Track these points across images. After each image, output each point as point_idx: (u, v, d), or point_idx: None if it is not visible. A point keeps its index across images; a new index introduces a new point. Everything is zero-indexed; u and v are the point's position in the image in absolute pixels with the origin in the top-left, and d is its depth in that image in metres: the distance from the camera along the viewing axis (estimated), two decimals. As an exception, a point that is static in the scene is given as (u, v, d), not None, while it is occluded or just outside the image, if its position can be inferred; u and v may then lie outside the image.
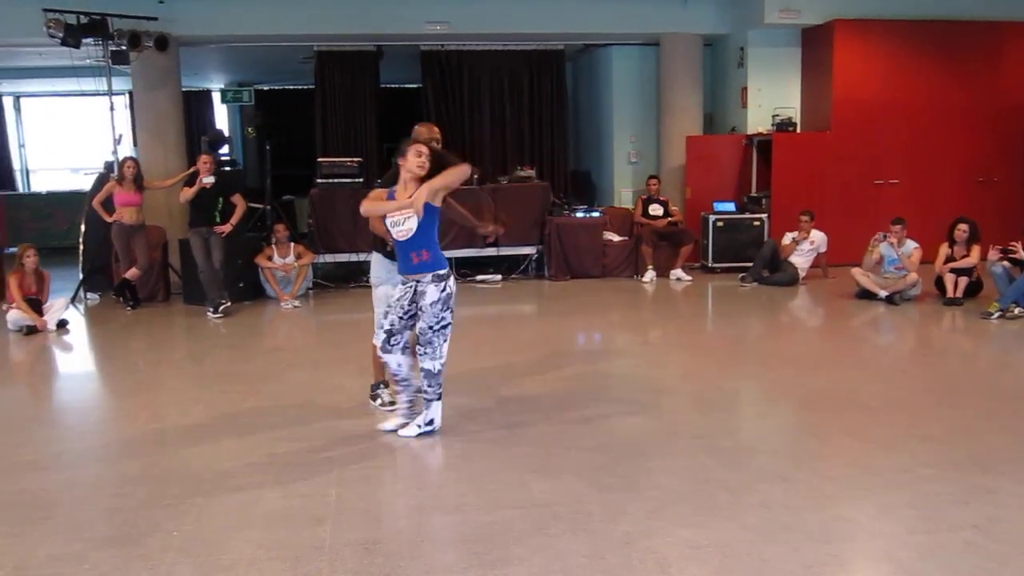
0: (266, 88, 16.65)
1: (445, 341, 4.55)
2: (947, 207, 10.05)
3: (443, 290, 4.48)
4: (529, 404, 5.31)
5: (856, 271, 8.76)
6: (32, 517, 3.70)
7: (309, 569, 3.19)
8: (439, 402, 4.66)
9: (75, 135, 17.62)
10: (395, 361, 4.60)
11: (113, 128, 9.79)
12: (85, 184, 14.73)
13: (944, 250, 8.48)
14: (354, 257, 10.18)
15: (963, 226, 8.41)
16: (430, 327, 4.49)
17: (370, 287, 5.48)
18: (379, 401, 5.23)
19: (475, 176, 10.44)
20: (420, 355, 4.56)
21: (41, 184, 17.60)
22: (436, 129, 4.97)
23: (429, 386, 4.59)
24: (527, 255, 10.61)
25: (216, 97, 17.06)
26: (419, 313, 4.52)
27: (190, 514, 3.70)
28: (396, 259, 4.65)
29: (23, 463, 4.42)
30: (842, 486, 3.89)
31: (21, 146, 17.58)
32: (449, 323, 4.54)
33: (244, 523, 3.60)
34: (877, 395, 5.39)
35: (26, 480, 4.17)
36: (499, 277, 10.34)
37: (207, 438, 4.75)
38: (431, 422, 4.65)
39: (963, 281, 8.32)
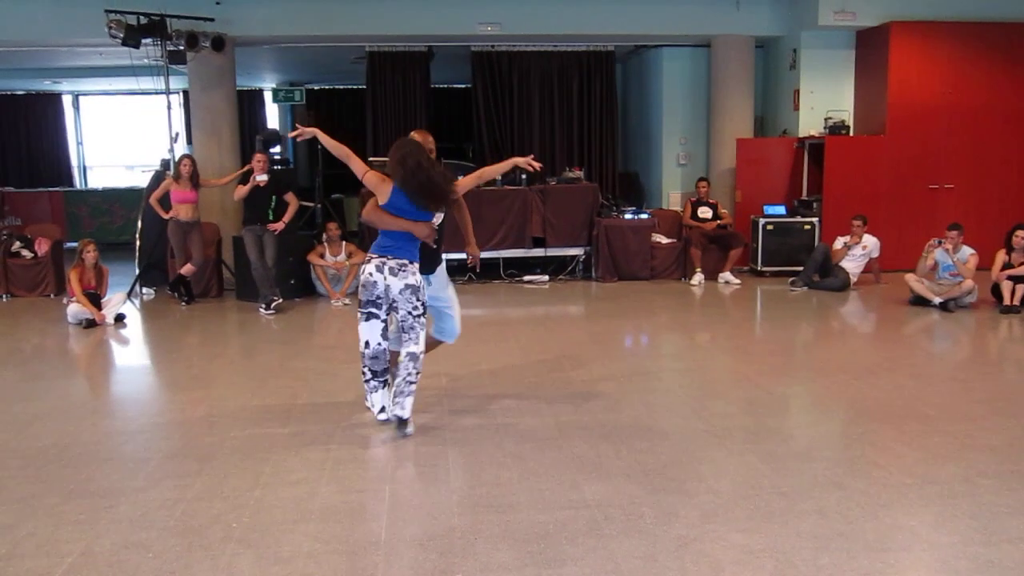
0: (316, 88, 16.88)
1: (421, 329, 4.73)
2: (1004, 213, 9.89)
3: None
4: (579, 405, 5.33)
5: (910, 277, 8.63)
6: (97, 505, 3.81)
7: (366, 563, 3.24)
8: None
9: (130, 133, 18.03)
10: None
11: (170, 126, 10.00)
12: (141, 181, 15.08)
13: (1001, 256, 8.33)
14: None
15: (1021, 232, 8.25)
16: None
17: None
18: None
19: (523, 176, 10.54)
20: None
21: (97, 181, 18.04)
22: (430, 137, 4.98)
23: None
24: (575, 256, 10.62)
25: (268, 96, 17.33)
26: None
27: (248, 507, 3.78)
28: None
29: (87, 453, 4.55)
30: (898, 495, 3.85)
31: (79, 143, 18.03)
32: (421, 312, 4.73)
33: (301, 517, 3.66)
34: (933, 404, 5.31)
35: (90, 470, 4.29)
36: (546, 278, 10.37)
37: (263, 433, 4.84)
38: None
39: (1021, 288, 8.16)
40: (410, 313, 4.65)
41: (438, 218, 4.83)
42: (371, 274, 4.63)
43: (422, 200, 4.58)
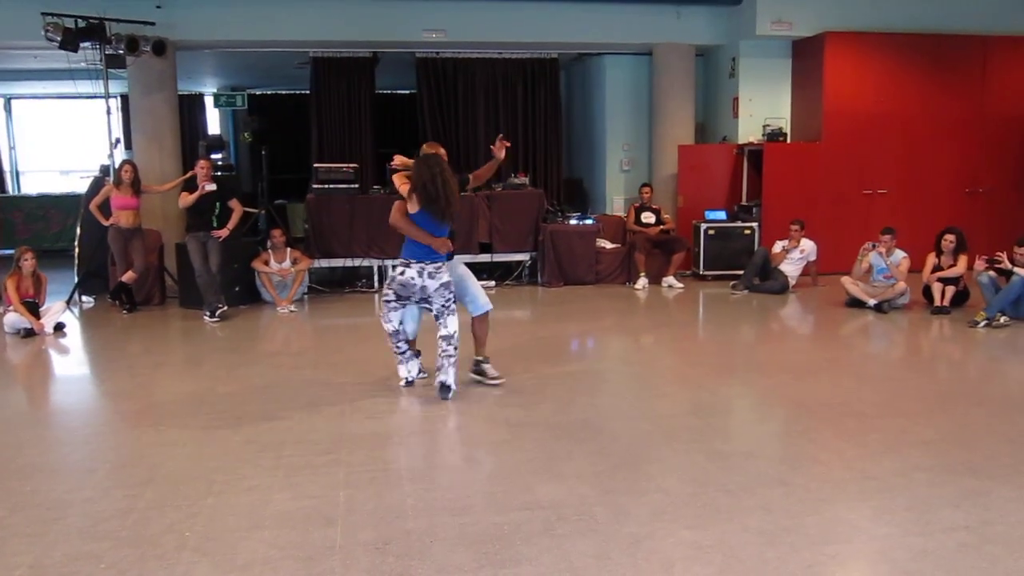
0: (259, 92, 16.71)
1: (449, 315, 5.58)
2: (936, 217, 10.23)
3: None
4: (529, 408, 5.40)
5: (846, 280, 8.90)
6: (46, 517, 3.76)
7: (323, 568, 3.26)
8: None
9: (66, 137, 17.61)
10: None
11: (110, 131, 9.82)
12: (77, 187, 14.78)
13: (932, 260, 8.63)
14: (349, 262, 10.27)
15: (950, 236, 8.56)
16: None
17: (364, 291, 7.15)
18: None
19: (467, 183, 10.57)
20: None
21: (31, 186, 17.58)
22: (442, 150, 5.61)
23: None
24: (521, 262, 10.72)
25: (209, 101, 17.08)
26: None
27: (202, 515, 3.77)
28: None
29: (31, 465, 4.47)
30: (839, 490, 4.00)
31: (11, 148, 17.54)
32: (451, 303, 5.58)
33: (256, 524, 3.66)
34: (869, 401, 5.51)
35: (36, 481, 4.22)
36: (493, 283, 10.43)
37: (213, 441, 4.82)
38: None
39: (950, 290, 8.47)
40: (443, 306, 5.51)
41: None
42: (412, 278, 5.44)
43: (440, 219, 5.39)
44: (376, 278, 10.31)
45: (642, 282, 10.25)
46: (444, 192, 5.28)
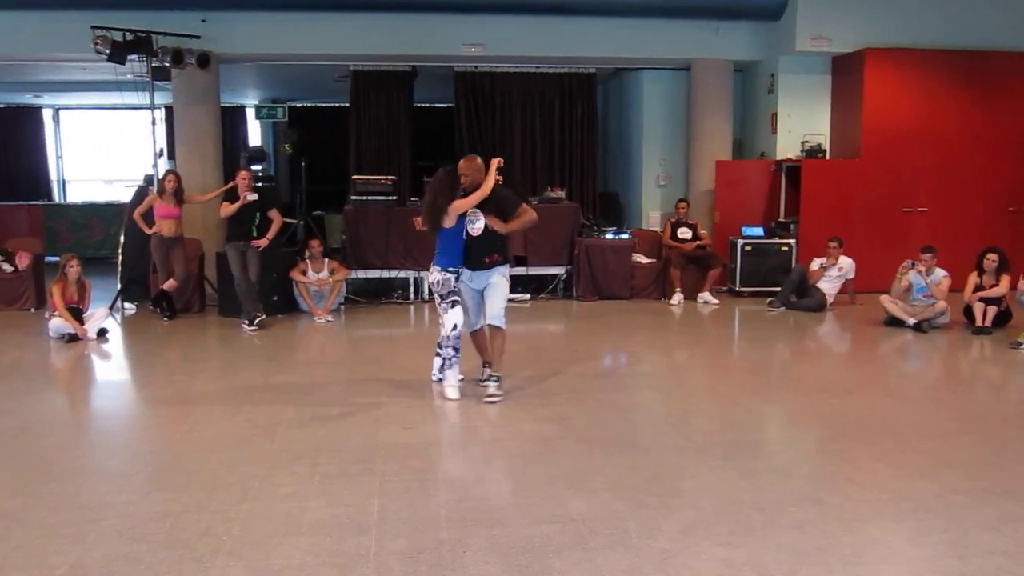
0: (299, 105, 16.94)
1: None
2: (976, 236, 10.09)
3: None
4: (562, 421, 5.42)
5: (884, 298, 8.80)
6: (86, 519, 3.84)
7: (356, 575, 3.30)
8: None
9: (110, 147, 17.98)
10: None
11: (154, 142, 10.02)
12: (121, 195, 15.07)
13: (973, 279, 8.52)
14: (385, 273, 10.35)
15: (992, 255, 8.44)
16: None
17: (400, 303, 7.95)
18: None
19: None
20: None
21: (76, 195, 17.96)
22: (476, 161, 5.96)
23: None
24: (556, 275, 10.72)
25: (250, 113, 17.36)
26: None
27: (238, 520, 3.82)
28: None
29: (73, 467, 4.57)
30: (874, 510, 3.96)
31: (59, 157, 17.95)
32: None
33: (291, 530, 3.71)
34: (907, 422, 5.45)
35: (77, 483, 4.31)
36: (527, 296, 10.45)
37: (250, 447, 4.89)
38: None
39: (992, 310, 8.34)
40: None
41: (477, 229, 5.89)
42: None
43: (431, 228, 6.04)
44: (412, 290, 10.39)
45: (677, 298, 10.21)
46: (429, 199, 5.97)
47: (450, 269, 5.93)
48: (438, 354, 6.18)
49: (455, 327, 5.91)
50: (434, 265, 5.98)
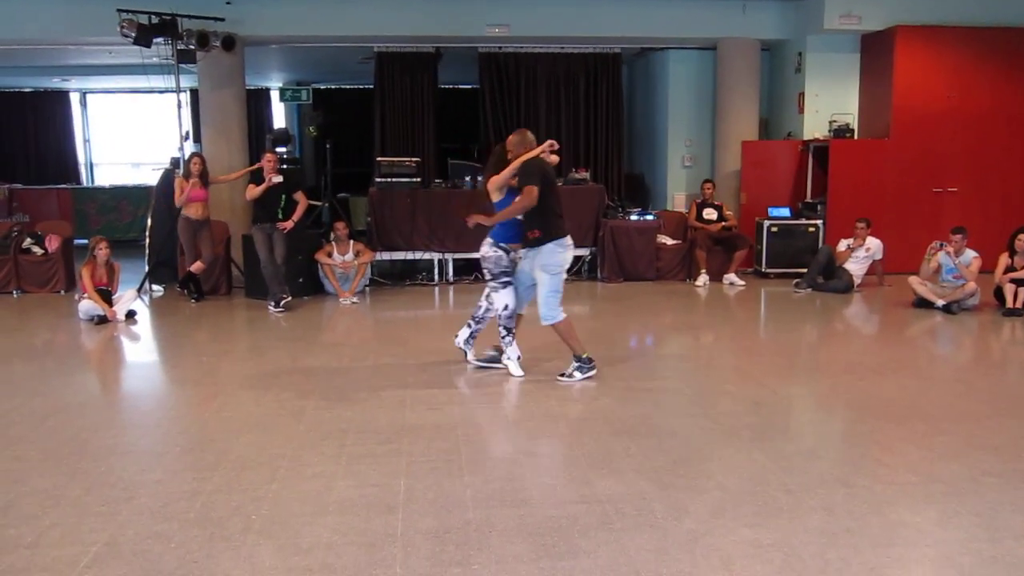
0: (323, 87, 16.97)
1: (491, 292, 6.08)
2: (1008, 216, 9.97)
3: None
4: (588, 403, 5.43)
5: (913, 279, 8.71)
6: (119, 497, 3.89)
7: (384, 555, 3.32)
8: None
9: (137, 131, 18.13)
10: None
11: (180, 125, 10.09)
12: (148, 179, 15.18)
13: (1004, 260, 8.41)
14: (410, 255, 10.38)
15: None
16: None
17: (425, 284, 7.88)
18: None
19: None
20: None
21: (104, 178, 18.14)
22: (528, 135, 5.98)
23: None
24: (580, 257, 10.69)
25: (275, 95, 17.42)
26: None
27: (267, 499, 3.86)
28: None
29: (105, 447, 4.63)
30: (904, 493, 3.93)
31: (86, 141, 18.13)
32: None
33: (319, 510, 3.74)
34: (937, 404, 5.39)
35: (109, 462, 4.37)
36: (552, 278, 10.40)
37: (277, 427, 4.93)
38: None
39: (1023, 292, 8.22)
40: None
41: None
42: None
43: None
44: (436, 271, 10.41)
45: (703, 279, 10.17)
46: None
47: (501, 245, 5.95)
48: (468, 324, 6.30)
49: (506, 307, 5.97)
50: (488, 238, 6.00)
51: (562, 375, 5.90)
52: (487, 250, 5.97)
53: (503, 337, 6.03)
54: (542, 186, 5.72)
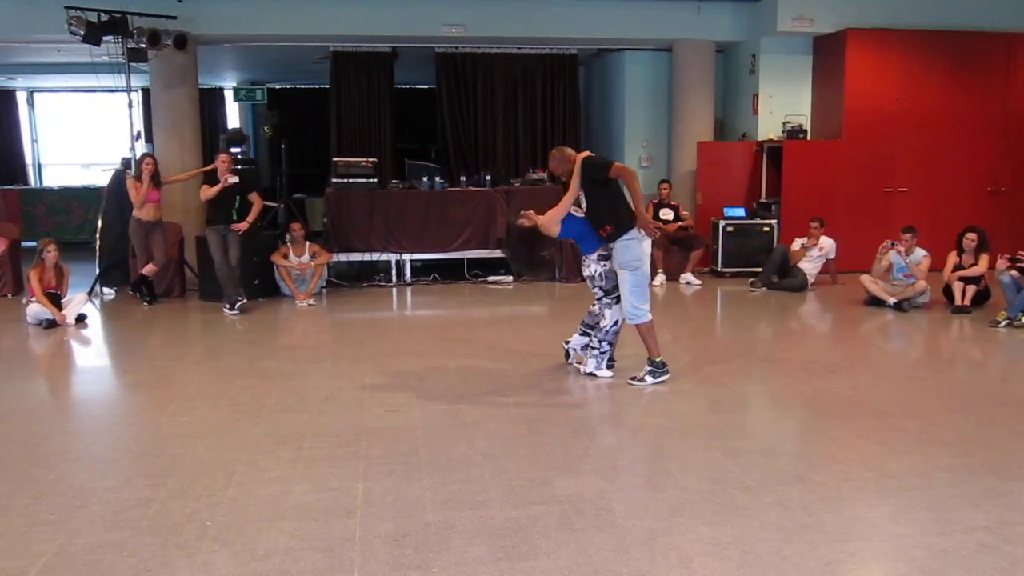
0: (278, 87, 16.79)
1: (604, 308, 6.02)
2: (957, 216, 10.16)
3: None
4: (546, 403, 5.43)
5: (865, 278, 8.85)
6: (70, 505, 3.80)
7: (343, 559, 3.29)
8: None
9: (86, 131, 17.77)
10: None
11: (131, 125, 9.90)
12: (98, 180, 14.88)
13: (953, 258, 8.57)
14: (367, 256, 10.31)
15: (972, 235, 8.50)
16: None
17: (383, 286, 7.72)
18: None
19: (487, 177, 10.63)
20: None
21: (52, 179, 17.75)
22: (567, 152, 6.04)
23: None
24: (539, 257, 10.68)
25: (229, 95, 17.20)
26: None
27: (222, 505, 3.80)
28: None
29: (55, 454, 4.53)
30: (858, 488, 3.99)
31: (34, 141, 17.73)
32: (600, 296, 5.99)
33: (276, 515, 3.69)
34: (889, 400, 5.48)
35: (60, 470, 4.27)
36: (510, 278, 10.43)
37: (233, 432, 4.86)
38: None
39: (971, 289, 8.41)
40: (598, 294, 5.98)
41: (581, 212, 5.86)
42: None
43: None
44: (394, 272, 10.35)
45: (659, 279, 10.23)
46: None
47: (604, 255, 5.85)
48: (585, 333, 6.21)
49: (616, 323, 5.97)
50: (590, 255, 5.88)
51: (633, 378, 5.86)
52: (597, 268, 5.86)
53: (601, 352, 5.99)
54: (606, 180, 5.74)
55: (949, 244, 8.68)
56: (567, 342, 6.33)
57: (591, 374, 5.98)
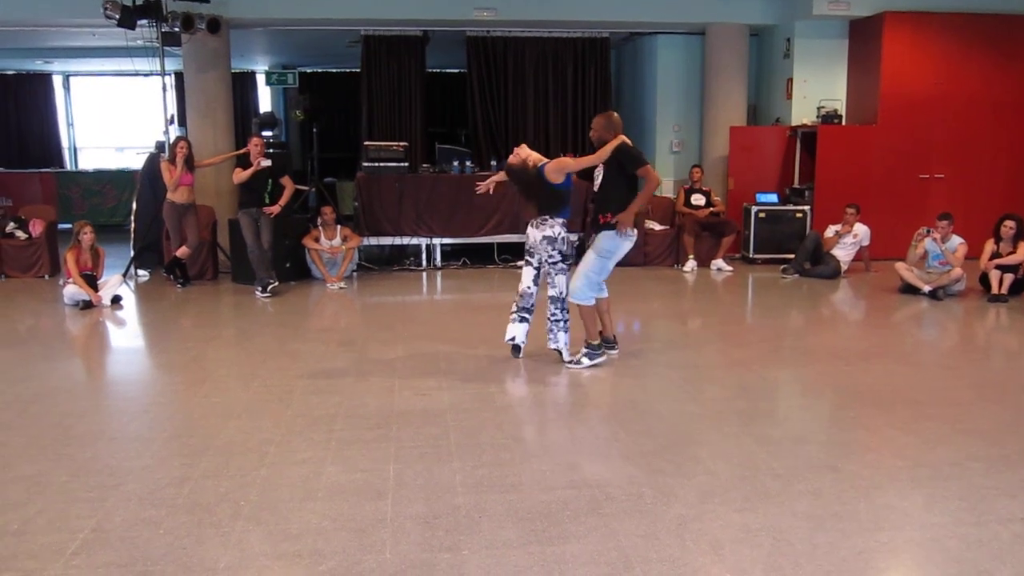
0: (309, 71, 16.84)
1: (557, 274, 5.85)
2: (994, 203, 10.01)
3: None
4: (576, 388, 5.43)
5: (900, 265, 8.74)
6: (106, 483, 3.87)
7: (374, 540, 3.32)
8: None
9: (121, 114, 17.94)
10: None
11: (165, 108, 9.98)
12: (133, 163, 15.05)
13: (990, 246, 8.45)
14: (398, 240, 10.34)
15: (1010, 222, 8.37)
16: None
17: (413, 269, 7.82)
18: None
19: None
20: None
21: (87, 162, 17.96)
22: (614, 116, 5.91)
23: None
24: (571, 242, 10.65)
25: (260, 79, 17.28)
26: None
27: (255, 485, 3.85)
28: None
29: (92, 432, 4.60)
30: (891, 477, 3.95)
31: (70, 124, 17.93)
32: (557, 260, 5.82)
33: (308, 495, 3.73)
34: (923, 389, 5.42)
35: (97, 448, 4.35)
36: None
37: (266, 413, 4.91)
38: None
39: (1008, 278, 8.28)
40: (549, 262, 5.81)
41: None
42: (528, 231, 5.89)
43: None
44: (424, 256, 10.38)
45: (690, 265, 10.18)
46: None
47: (564, 224, 5.85)
48: (524, 319, 6.08)
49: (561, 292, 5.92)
50: (558, 219, 5.80)
51: (570, 362, 5.87)
52: (562, 231, 5.80)
53: (566, 321, 5.92)
54: (632, 173, 5.77)
55: (986, 232, 8.56)
56: (512, 339, 6.07)
57: (558, 350, 5.92)
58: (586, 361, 5.84)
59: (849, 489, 3.80)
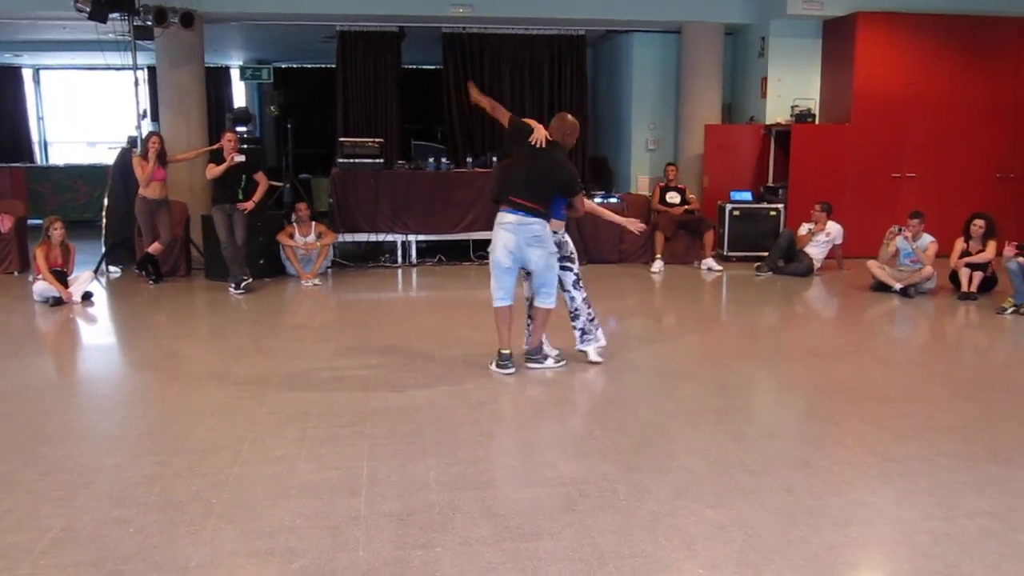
0: (284, 66, 16.73)
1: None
2: (965, 202, 10.12)
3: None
4: (551, 385, 5.44)
5: (872, 263, 8.83)
6: (76, 482, 3.82)
7: (347, 538, 3.30)
8: None
9: (93, 109, 17.74)
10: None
11: (137, 103, 9.87)
12: (104, 158, 14.88)
13: (960, 245, 8.54)
14: (373, 237, 10.30)
15: (979, 221, 8.46)
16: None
17: (388, 266, 7.54)
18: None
19: (493, 159, 10.62)
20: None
21: (58, 157, 17.74)
22: (568, 119, 5.91)
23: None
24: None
25: (235, 74, 17.14)
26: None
27: (228, 483, 3.82)
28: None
29: (61, 431, 4.55)
30: (862, 472, 3.99)
31: (40, 119, 17.70)
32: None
33: (281, 493, 3.71)
34: (894, 386, 5.48)
35: (66, 446, 4.30)
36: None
37: (238, 411, 4.87)
38: None
39: (978, 276, 8.38)
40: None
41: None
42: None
43: None
44: (400, 253, 10.34)
45: (657, 265, 10.15)
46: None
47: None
48: (576, 328, 5.98)
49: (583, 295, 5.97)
50: (553, 221, 5.73)
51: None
52: (565, 235, 5.92)
53: (591, 321, 5.93)
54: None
55: (956, 230, 8.65)
56: (585, 354, 5.96)
57: (583, 351, 5.92)
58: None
59: (821, 484, 3.83)
